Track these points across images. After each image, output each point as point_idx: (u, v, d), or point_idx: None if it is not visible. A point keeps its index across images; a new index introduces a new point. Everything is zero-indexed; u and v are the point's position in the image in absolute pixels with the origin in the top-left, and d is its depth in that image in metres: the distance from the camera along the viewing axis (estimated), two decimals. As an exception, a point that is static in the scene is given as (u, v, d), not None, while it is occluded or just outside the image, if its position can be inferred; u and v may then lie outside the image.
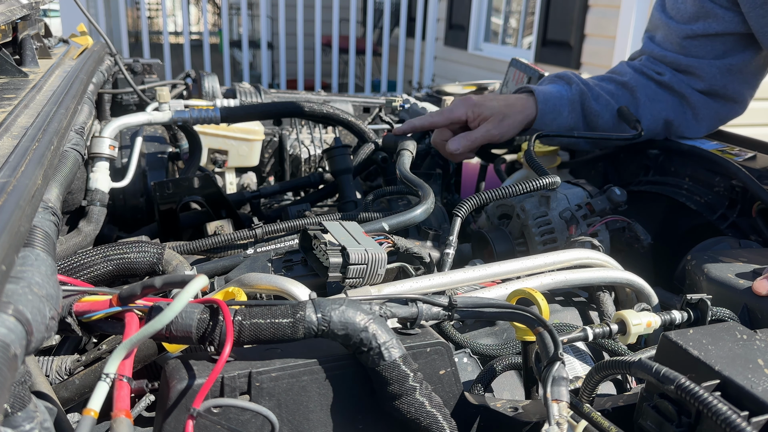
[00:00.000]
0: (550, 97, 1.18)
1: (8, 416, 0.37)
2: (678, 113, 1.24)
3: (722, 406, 0.44)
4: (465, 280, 0.75)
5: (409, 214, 0.88)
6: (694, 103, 1.22)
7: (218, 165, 1.50)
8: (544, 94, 1.18)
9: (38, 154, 0.58)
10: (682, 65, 1.20)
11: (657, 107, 1.23)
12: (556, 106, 1.18)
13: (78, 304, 0.49)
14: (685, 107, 1.24)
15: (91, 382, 0.61)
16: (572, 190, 1.07)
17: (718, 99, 1.22)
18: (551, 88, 1.20)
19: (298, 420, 0.50)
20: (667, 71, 1.22)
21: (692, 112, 1.24)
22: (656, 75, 1.23)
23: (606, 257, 0.83)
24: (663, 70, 1.23)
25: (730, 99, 1.23)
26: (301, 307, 0.49)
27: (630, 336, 0.67)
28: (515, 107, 1.16)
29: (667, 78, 1.21)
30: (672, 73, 1.22)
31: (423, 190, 0.93)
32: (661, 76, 1.22)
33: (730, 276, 0.80)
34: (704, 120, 1.25)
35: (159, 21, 10.13)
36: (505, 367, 0.69)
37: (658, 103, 1.23)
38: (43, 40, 1.19)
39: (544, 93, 1.19)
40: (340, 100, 1.69)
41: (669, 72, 1.22)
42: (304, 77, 5.89)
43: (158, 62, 1.69)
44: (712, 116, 1.25)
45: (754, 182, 1.10)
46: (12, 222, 0.41)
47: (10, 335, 0.34)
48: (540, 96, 1.18)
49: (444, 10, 6.38)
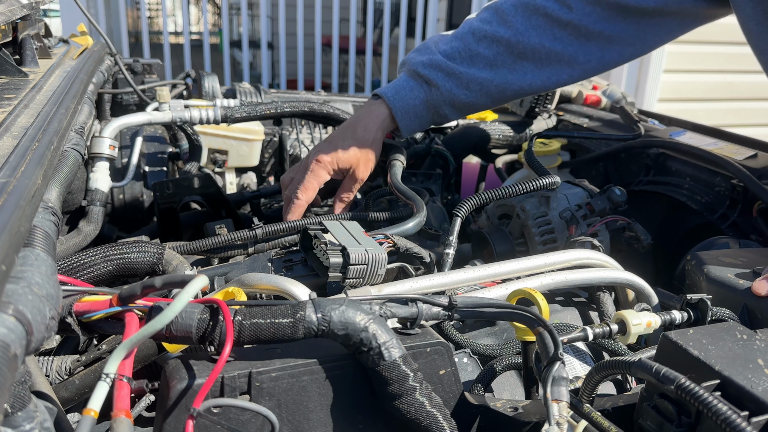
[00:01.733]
0: (408, 107, 1.08)
1: (8, 416, 0.37)
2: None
3: (722, 406, 0.44)
4: (465, 280, 0.75)
5: (401, 227, 0.88)
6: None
7: (218, 165, 1.50)
8: (402, 107, 1.07)
9: (38, 154, 0.58)
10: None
11: (548, 71, 1.09)
12: (417, 113, 1.09)
13: (78, 304, 0.49)
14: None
15: (91, 382, 0.61)
16: (572, 190, 1.07)
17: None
18: (408, 95, 1.08)
19: (298, 420, 0.50)
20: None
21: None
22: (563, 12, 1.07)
23: (606, 257, 0.83)
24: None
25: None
26: (301, 307, 0.49)
27: (630, 336, 0.67)
28: (369, 131, 1.04)
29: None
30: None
31: (416, 203, 0.93)
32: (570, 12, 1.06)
33: (730, 276, 0.80)
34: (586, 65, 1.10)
35: (159, 21, 10.13)
36: (505, 367, 0.69)
37: (550, 67, 1.09)
38: (43, 40, 1.19)
39: (402, 106, 1.07)
40: (340, 100, 1.69)
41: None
42: (305, 77, 5.88)
43: (158, 62, 1.69)
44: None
45: (754, 182, 1.10)
46: (12, 222, 0.41)
47: (10, 335, 0.34)
48: (397, 111, 1.07)
49: (444, 10, 6.38)
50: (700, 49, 3.89)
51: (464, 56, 1.08)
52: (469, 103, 1.10)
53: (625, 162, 1.44)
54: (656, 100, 4.16)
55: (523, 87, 1.10)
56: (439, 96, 1.08)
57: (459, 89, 1.08)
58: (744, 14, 1.00)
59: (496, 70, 1.08)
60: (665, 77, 4.13)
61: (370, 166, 1.03)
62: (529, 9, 1.07)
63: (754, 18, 0.99)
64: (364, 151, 1.02)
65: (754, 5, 0.98)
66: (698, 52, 3.94)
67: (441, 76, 1.08)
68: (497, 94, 1.10)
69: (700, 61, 4.03)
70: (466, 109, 1.12)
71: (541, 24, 1.07)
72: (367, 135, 1.03)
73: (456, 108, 1.11)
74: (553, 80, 1.10)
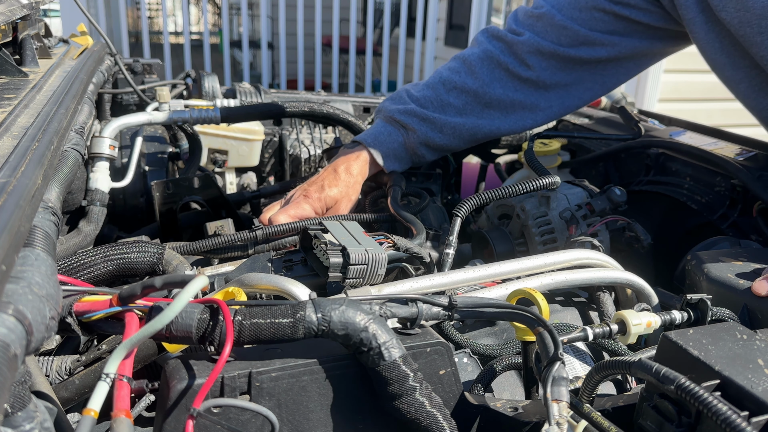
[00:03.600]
0: (389, 151, 1.15)
1: (8, 416, 0.37)
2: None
3: (722, 406, 0.44)
4: (465, 280, 0.75)
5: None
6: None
7: (218, 165, 1.50)
8: (383, 151, 1.14)
9: (38, 154, 0.58)
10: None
11: (513, 118, 1.18)
12: (398, 155, 1.16)
13: (78, 304, 0.49)
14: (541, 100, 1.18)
15: (91, 382, 0.61)
16: (572, 190, 1.07)
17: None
18: (386, 139, 1.15)
19: (298, 420, 0.50)
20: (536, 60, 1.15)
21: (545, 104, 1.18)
22: (522, 69, 1.15)
23: (606, 257, 0.83)
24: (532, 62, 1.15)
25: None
26: (301, 307, 0.49)
27: (630, 336, 0.67)
28: (352, 172, 1.11)
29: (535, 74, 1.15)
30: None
31: (415, 226, 0.95)
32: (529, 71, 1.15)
33: (730, 276, 0.80)
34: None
35: (159, 21, 10.13)
36: (505, 367, 0.69)
37: (515, 114, 1.18)
38: (43, 40, 1.19)
39: (382, 150, 1.14)
40: (341, 100, 1.69)
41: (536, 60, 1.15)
42: (305, 77, 5.89)
43: (158, 62, 1.69)
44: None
45: (754, 182, 1.10)
46: (12, 222, 0.41)
47: (10, 335, 0.34)
48: (378, 155, 1.13)
49: (444, 10, 6.38)
50: (700, 49, 3.88)
51: (436, 105, 1.18)
52: (443, 145, 1.18)
53: (625, 162, 1.44)
54: (656, 100, 4.17)
55: (492, 131, 1.19)
56: (415, 138, 1.16)
57: (434, 132, 1.16)
58: (712, 50, 1.05)
59: (466, 117, 1.17)
60: (665, 77, 4.14)
61: (350, 204, 1.11)
62: (493, 63, 1.17)
63: (724, 51, 1.03)
64: (346, 191, 1.09)
65: (722, 38, 1.02)
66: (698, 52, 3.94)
67: (416, 121, 1.16)
68: (469, 137, 1.19)
69: (700, 61, 4.01)
70: (441, 150, 1.20)
71: (503, 77, 1.17)
72: (349, 178, 1.10)
73: (431, 148, 1.19)
74: (519, 125, 1.20)
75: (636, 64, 1.16)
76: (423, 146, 1.17)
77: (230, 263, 0.84)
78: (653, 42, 1.12)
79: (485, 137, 1.20)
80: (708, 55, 1.07)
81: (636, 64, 1.16)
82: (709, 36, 1.03)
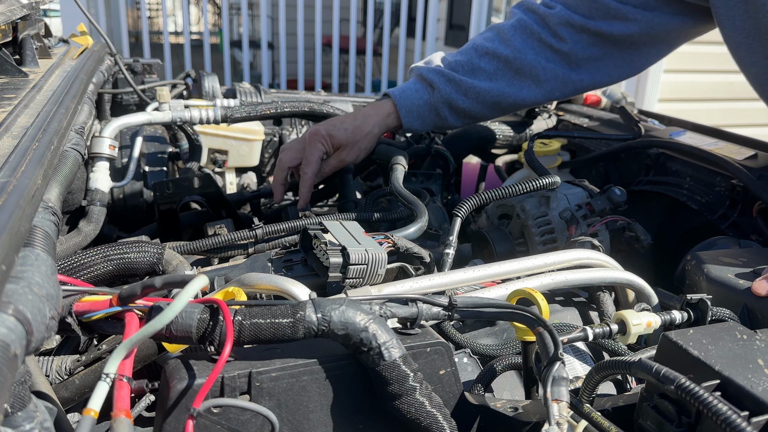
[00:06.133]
0: (413, 106, 1.18)
1: (8, 416, 0.37)
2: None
3: (722, 406, 0.44)
4: (465, 280, 0.75)
5: (402, 232, 0.88)
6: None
7: (218, 165, 1.50)
8: (406, 105, 1.17)
9: (38, 154, 0.58)
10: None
11: (543, 88, 1.19)
12: (420, 113, 1.18)
13: (78, 304, 0.49)
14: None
15: (91, 382, 0.61)
16: (572, 190, 1.07)
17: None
18: (413, 95, 1.18)
19: (298, 420, 0.50)
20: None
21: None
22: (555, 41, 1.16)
23: (606, 257, 0.83)
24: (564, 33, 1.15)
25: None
26: (301, 307, 0.49)
27: (630, 336, 0.67)
28: (368, 123, 1.13)
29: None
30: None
31: (417, 208, 0.94)
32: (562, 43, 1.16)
33: (730, 276, 0.80)
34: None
35: (159, 21, 10.13)
36: (505, 367, 0.69)
37: (548, 83, 1.19)
38: (43, 40, 1.19)
39: (406, 104, 1.17)
40: (341, 100, 1.69)
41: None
42: (305, 77, 5.89)
43: (158, 62, 1.69)
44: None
45: (754, 182, 1.10)
46: (12, 222, 0.41)
47: (10, 335, 0.34)
48: (402, 109, 1.17)
49: (444, 10, 6.38)
50: (700, 49, 3.89)
51: (467, 69, 1.19)
52: (465, 109, 1.19)
53: (625, 162, 1.44)
54: (656, 100, 4.16)
55: (517, 100, 1.20)
56: (439, 98, 1.17)
57: (457, 95, 1.18)
58: (731, 27, 1.04)
59: (495, 82, 1.19)
60: (665, 77, 4.13)
61: (356, 152, 1.10)
62: (527, 32, 1.18)
63: (744, 31, 1.02)
64: (356, 136, 1.09)
65: (745, 19, 1.01)
66: (698, 52, 3.94)
67: (443, 81, 1.17)
68: (492, 104, 1.20)
69: (700, 61, 4.03)
70: (464, 116, 1.21)
71: (536, 46, 1.18)
72: (364, 125, 1.11)
73: (454, 112, 1.19)
74: (548, 95, 1.21)
75: (666, 45, 1.17)
76: (446, 107, 1.18)
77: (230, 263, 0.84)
78: (684, 19, 1.12)
79: (509, 106, 1.21)
80: (726, 32, 1.06)
81: (666, 45, 1.17)
82: (731, 12, 1.03)
